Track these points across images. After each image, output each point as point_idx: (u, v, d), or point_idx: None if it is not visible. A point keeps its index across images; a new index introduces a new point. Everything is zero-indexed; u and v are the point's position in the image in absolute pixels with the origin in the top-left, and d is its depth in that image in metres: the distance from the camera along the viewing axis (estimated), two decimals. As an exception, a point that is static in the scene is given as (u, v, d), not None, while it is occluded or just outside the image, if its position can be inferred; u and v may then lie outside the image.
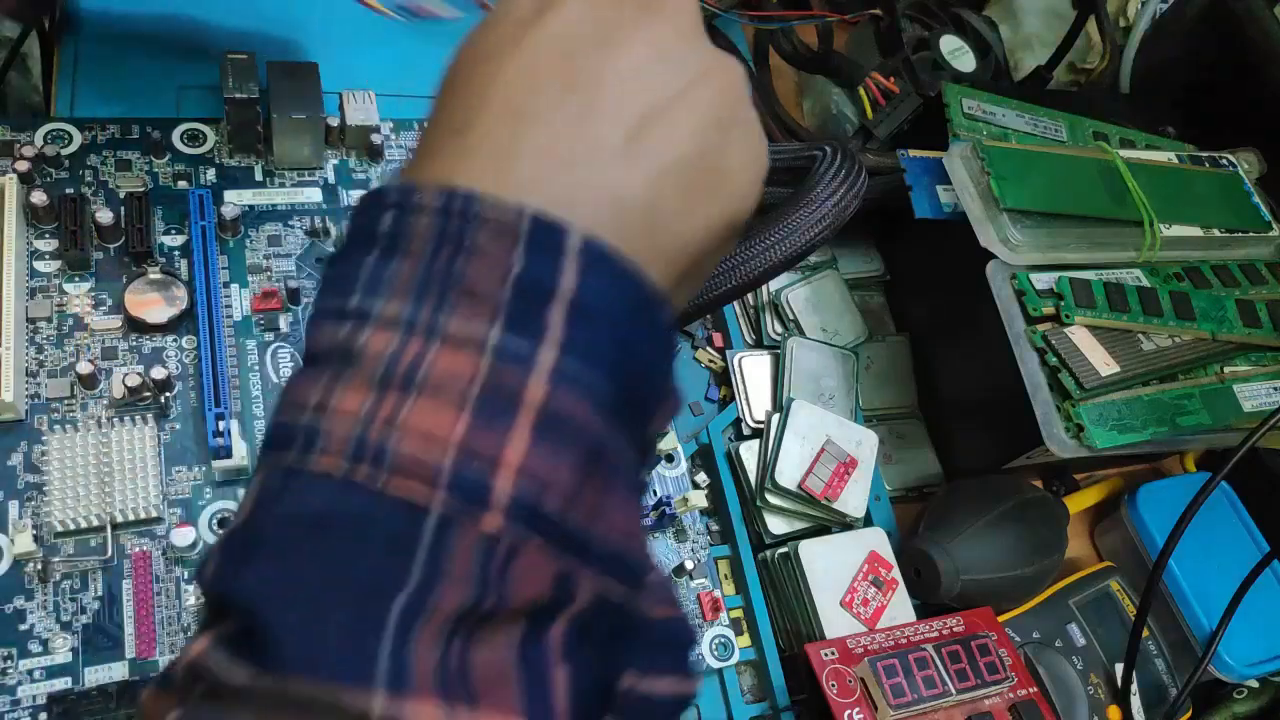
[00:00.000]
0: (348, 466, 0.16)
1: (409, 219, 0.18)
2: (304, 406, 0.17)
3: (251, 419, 0.34)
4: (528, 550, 0.16)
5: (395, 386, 0.17)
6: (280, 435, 0.17)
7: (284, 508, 0.17)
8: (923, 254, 0.48)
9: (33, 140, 0.37)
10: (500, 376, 0.17)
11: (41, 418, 0.32)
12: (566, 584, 0.17)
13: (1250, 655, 0.42)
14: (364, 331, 0.17)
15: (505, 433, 0.16)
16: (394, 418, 0.16)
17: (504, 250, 0.17)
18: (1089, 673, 0.40)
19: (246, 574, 0.16)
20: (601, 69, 0.19)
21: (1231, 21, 0.52)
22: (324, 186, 0.40)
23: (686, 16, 0.20)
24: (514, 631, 0.16)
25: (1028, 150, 0.44)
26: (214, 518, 0.32)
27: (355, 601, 0.16)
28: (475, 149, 0.19)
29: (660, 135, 0.19)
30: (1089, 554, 0.48)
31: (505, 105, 0.19)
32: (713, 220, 0.20)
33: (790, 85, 0.55)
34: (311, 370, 0.18)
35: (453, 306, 0.17)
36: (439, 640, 0.16)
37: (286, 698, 0.15)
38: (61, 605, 0.30)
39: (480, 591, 0.16)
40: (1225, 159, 0.50)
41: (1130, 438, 0.38)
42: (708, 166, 0.20)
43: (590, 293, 0.17)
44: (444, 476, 0.16)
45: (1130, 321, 0.41)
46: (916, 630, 0.37)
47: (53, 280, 0.35)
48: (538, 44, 0.19)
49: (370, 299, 0.18)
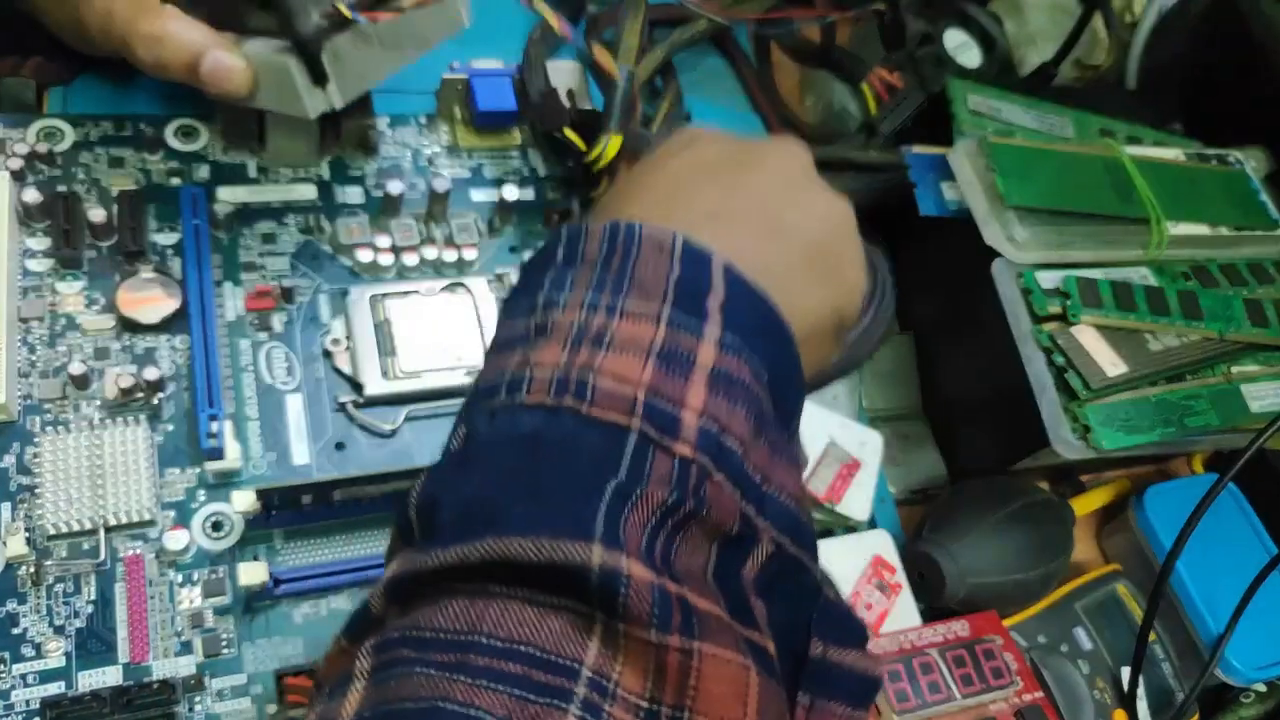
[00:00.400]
0: (553, 399, 0.19)
1: (580, 243, 0.22)
2: (504, 369, 0.20)
3: (245, 420, 0.34)
4: (714, 481, 0.18)
5: (587, 343, 0.19)
6: (482, 390, 0.20)
7: (495, 433, 0.19)
8: (927, 252, 0.48)
9: (25, 137, 0.36)
10: (676, 340, 0.20)
11: (34, 419, 0.32)
12: (750, 527, 0.19)
13: (1258, 659, 0.42)
14: (553, 313, 0.20)
15: (685, 382, 0.19)
16: (590, 363, 0.19)
17: (663, 261, 0.21)
18: (1095, 677, 0.40)
19: (462, 479, 0.18)
20: (740, 176, 0.24)
21: (1239, 18, 0.52)
22: (318, 183, 0.39)
23: (802, 160, 0.26)
24: (709, 550, 0.18)
25: (1033, 147, 0.43)
26: (207, 520, 0.32)
27: (570, 484, 0.17)
28: (637, 204, 0.23)
29: (790, 231, 0.24)
30: (1095, 557, 0.48)
31: (662, 188, 0.24)
32: (825, 303, 0.24)
33: (793, 81, 0.55)
34: (504, 351, 0.21)
35: (626, 294, 0.20)
36: (645, 525, 0.17)
37: (502, 560, 0.16)
38: (54, 609, 0.29)
39: (680, 495, 0.18)
40: (1233, 156, 0.49)
41: (1137, 439, 0.37)
42: (827, 262, 0.24)
43: (735, 299, 0.21)
44: (639, 407, 0.18)
45: (1137, 321, 0.40)
46: (921, 634, 0.37)
47: (45, 279, 0.34)
48: (693, 154, 0.25)
49: (555, 293, 0.21)
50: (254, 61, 0.33)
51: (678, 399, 0.19)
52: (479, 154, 0.43)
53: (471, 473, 0.18)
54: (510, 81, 0.42)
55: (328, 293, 0.37)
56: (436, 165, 0.42)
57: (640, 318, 0.20)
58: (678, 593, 0.17)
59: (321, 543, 0.33)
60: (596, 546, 0.16)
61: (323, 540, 0.33)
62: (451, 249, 0.39)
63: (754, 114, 0.52)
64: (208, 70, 0.32)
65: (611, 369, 0.19)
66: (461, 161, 0.42)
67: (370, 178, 0.40)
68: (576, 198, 0.41)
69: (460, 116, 0.43)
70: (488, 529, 0.17)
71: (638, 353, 0.19)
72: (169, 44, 0.32)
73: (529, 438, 0.18)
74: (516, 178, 0.42)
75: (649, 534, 0.17)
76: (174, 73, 0.33)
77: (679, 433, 0.18)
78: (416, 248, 0.38)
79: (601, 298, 0.20)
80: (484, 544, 0.16)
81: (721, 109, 0.51)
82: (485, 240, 0.40)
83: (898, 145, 0.45)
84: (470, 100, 0.42)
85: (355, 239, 0.38)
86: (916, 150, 0.44)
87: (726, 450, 0.19)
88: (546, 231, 0.41)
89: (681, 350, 0.19)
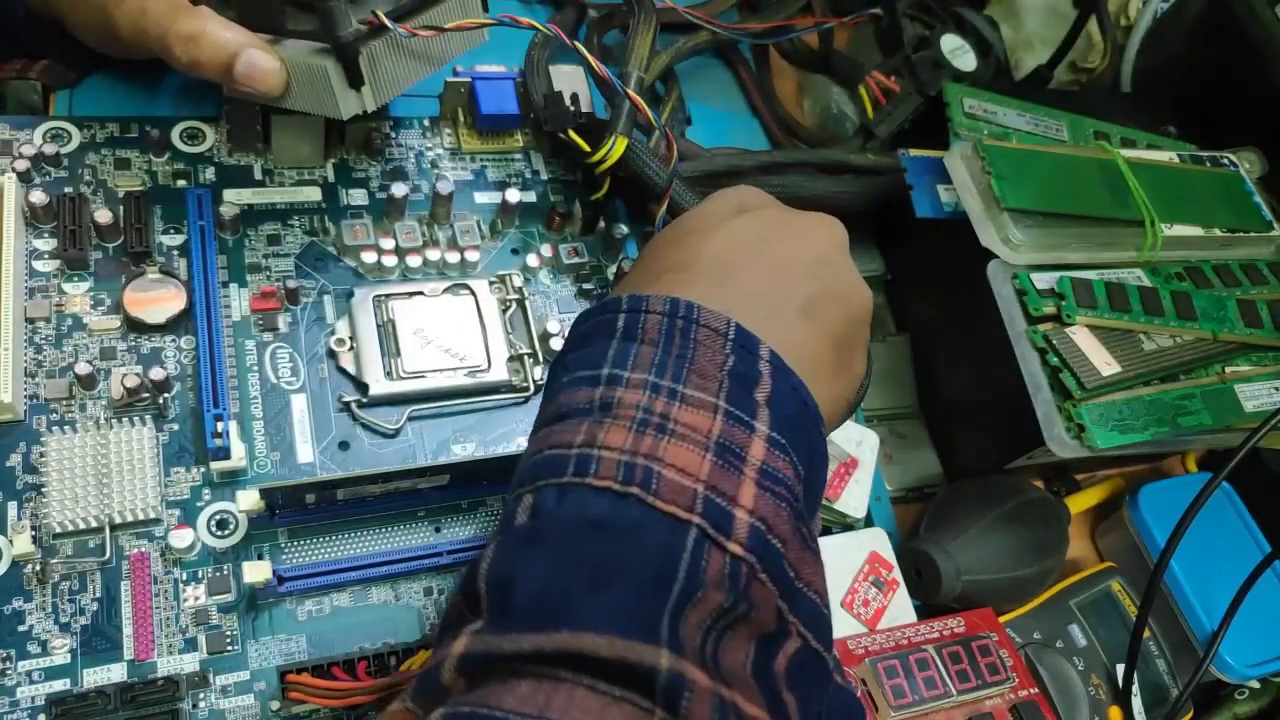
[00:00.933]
0: (620, 485, 0.20)
1: (642, 317, 0.23)
2: (570, 444, 0.21)
3: (250, 420, 0.34)
4: (758, 579, 0.20)
5: (651, 430, 0.21)
6: (549, 464, 0.21)
7: (564, 512, 0.20)
8: (923, 253, 0.48)
9: (32, 139, 0.37)
10: (730, 434, 0.21)
11: (40, 418, 0.32)
12: (784, 622, 0.20)
13: (1251, 656, 0.42)
14: (617, 389, 0.22)
15: (739, 479, 0.21)
16: (654, 452, 0.20)
17: (718, 346, 0.23)
18: (1090, 673, 0.40)
19: (534, 560, 0.19)
20: (784, 254, 0.26)
21: (1233, 21, 0.52)
22: (323, 185, 0.40)
23: (841, 239, 0.28)
24: (750, 649, 0.19)
25: (1029, 150, 0.44)
26: (212, 519, 0.32)
27: (638, 581, 0.19)
28: (691, 281, 0.25)
29: (824, 314, 0.26)
30: (1090, 554, 0.48)
31: (715, 259, 0.26)
32: (841, 391, 0.27)
33: (791, 85, 0.55)
34: (569, 420, 0.22)
35: (686, 379, 0.22)
36: (701, 627, 0.19)
37: (575, 653, 0.17)
38: (60, 607, 0.30)
39: (735, 598, 0.19)
40: (1226, 158, 0.49)
41: (1131, 438, 0.38)
42: (846, 351, 0.27)
43: (779, 394, 0.23)
44: (699, 504, 0.20)
45: (1131, 321, 0.41)
46: (917, 631, 0.37)
47: (51, 280, 0.35)
48: (740, 227, 0.27)
49: (618, 369, 0.22)
50: (288, 63, 0.33)
51: (732, 496, 0.20)
52: (482, 157, 0.43)
53: (543, 553, 0.19)
54: (513, 85, 0.42)
55: (332, 294, 0.37)
56: (440, 168, 0.42)
57: (700, 406, 0.21)
58: (730, 699, 0.18)
59: (325, 541, 0.33)
60: (665, 652, 0.17)
61: (326, 539, 0.33)
62: (454, 251, 0.39)
63: (753, 117, 0.52)
64: (242, 70, 0.33)
65: (674, 459, 0.20)
66: (464, 164, 0.42)
67: (374, 180, 0.40)
68: (579, 200, 0.42)
69: (463, 120, 0.43)
70: (563, 621, 0.18)
71: (697, 445, 0.21)
72: (205, 43, 0.32)
73: (598, 523, 0.20)
74: (519, 180, 0.43)
75: (703, 634, 0.19)
76: (208, 72, 0.33)
77: (732, 531, 0.20)
78: (420, 249, 0.39)
79: (664, 380, 0.22)
80: (560, 637, 0.17)
81: (722, 112, 0.51)
82: (488, 242, 0.41)
83: (894, 148, 0.46)
84: (473, 103, 0.42)
85: (359, 240, 0.38)
86: (913, 153, 0.44)
87: (771, 549, 0.20)
88: (548, 233, 0.42)
89: (735, 445, 0.21)
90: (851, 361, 0.28)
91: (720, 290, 0.25)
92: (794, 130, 0.52)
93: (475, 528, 0.34)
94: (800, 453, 0.22)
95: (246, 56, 0.32)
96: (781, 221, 0.28)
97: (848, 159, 0.46)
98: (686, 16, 0.48)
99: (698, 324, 0.23)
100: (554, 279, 0.41)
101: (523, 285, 0.39)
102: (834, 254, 0.28)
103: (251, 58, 0.32)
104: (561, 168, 0.44)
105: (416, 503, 0.34)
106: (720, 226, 0.27)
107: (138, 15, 0.33)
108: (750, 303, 0.24)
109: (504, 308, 0.38)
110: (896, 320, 0.50)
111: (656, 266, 0.27)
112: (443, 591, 0.33)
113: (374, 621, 0.32)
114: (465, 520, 0.34)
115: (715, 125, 0.50)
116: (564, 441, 0.21)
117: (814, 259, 0.27)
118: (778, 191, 0.44)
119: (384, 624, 0.32)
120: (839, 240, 0.28)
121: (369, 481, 0.32)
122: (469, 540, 0.34)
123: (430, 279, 0.39)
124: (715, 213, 0.28)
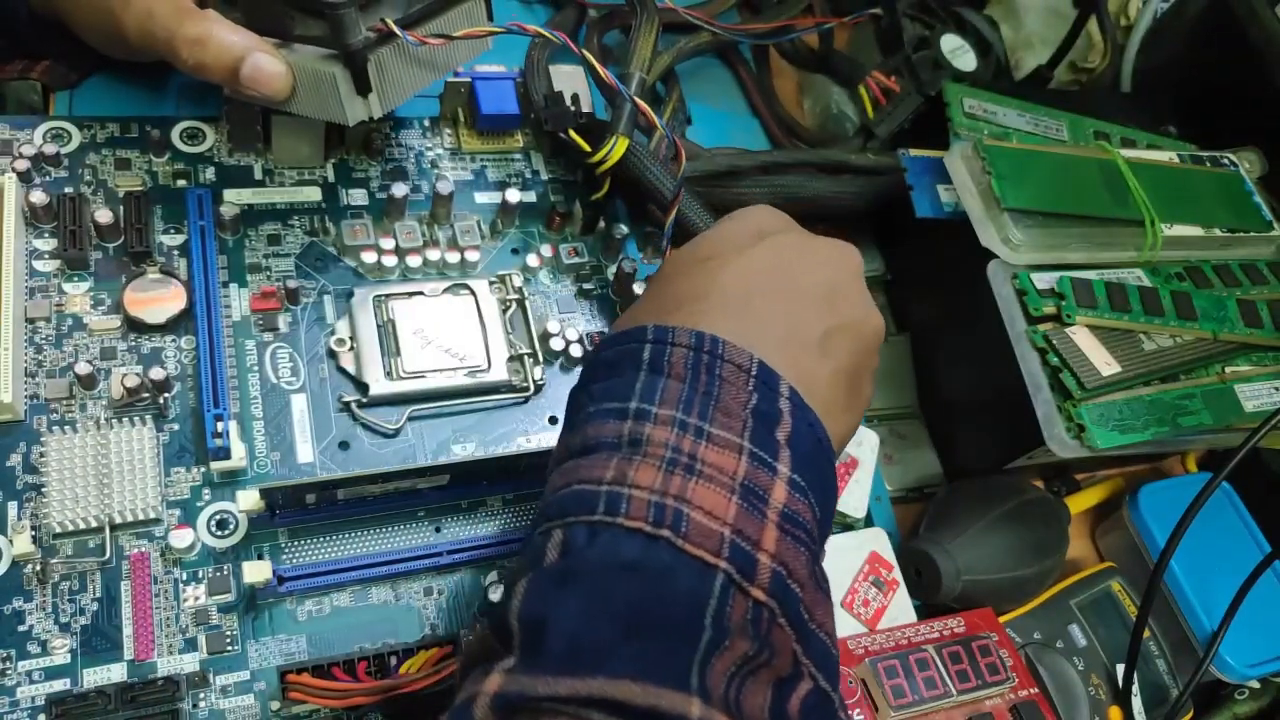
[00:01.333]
0: (651, 527, 0.20)
1: (668, 350, 0.24)
2: (600, 480, 0.22)
3: (250, 420, 0.34)
4: (778, 624, 0.21)
5: (680, 470, 0.21)
6: (579, 500, 0.21)
7: (596, 553, 0.20)
8: (923, 254, 0.48)
9: (32, 139, 0.37)
10: (755, 477, 0.22)
11: (40, 418, 0.32)
12: (798, 664, 0.21)
13: (1251, 656, 0.42)
14: (645, 425, 0.22)
15: (762, 523, 0.21)
16: (683, 494, 0.21)
17: (742, 383, 0.23)
18: (1090, 673, 0.40)
19: (567, 600, 0.20)
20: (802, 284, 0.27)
21: (1232, 21, 0.52)
22: (323, 185, 0.40)
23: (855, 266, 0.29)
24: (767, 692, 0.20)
25: (1029, 150, 0.44)
26: (212, 519, 0.32)
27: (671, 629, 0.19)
28: (710, 312, 0.25)
29: (839, 348, 0.26)
30: (1090, 554, 0.48)
31: (733, 289, 0.26)
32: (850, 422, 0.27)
33: (791, 85, 0.55)
34: (598, 454, 0.22)
35: (712, 418, 0.22)
36: (726, 675, 0.19)
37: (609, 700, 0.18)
38: (60, 607, 0.30)
39: (759, 645, 0.20)
40: (1226, 158, 0.49)
41: (1132, 438, 0.38)
42: (856, 382, 0.27)
43: (797, 431, 0.23)
44: (725, 549, 0.20)
45: (1131, 321, 0.41)
46: (917, 631, 0.37)
47: (51, 280, 0.35)
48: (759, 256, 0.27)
49: (646, 404, 0.23)
50: (295, 68, 0.33)
51: (756, 540, 0.21)
52: (482, 157, 0.43)
53: (576, 594, 0.20)
54: (513, 85, 0.42)
55: (332, 294, 0.37)
56: (440, 168, 0.42)
57: (725, 446, 0.22)
58: None
59: (325, 541, 0.33)
60: (696, 700, 0.18)
61: (326, 539, 0.33)
62: (454, 251, 0.39)
63: (753, 117, 0.52)
64: (248, 73, 0.33)
65: (701, 502, 0.21)
66: (465, 164, 0.42)
67: (374, 180, 0.40)
68: (579, 200, 0.42)
69: (463, 120, 0.43)
70: (598, 668, 0.18)
71: (724, 487, 0.21)
72: (211, 46, 0.32)
73: (630, 566, 0.20)
74: (519, 180, 0.43)
75: (728, 680, 0.19)
76: (214, 75, 0.33)
77: (755, 576, 0.20)
78: (420, 249, 0.39)
79: (691, 418, 0.22)
80: (595, 683, 0.18)
81: (722, 112, 0.51)
82: (488, 242, 0.41)
83: (895, 148, 0.46)
84: (474, 104, 0.42)
85: (359, 241, 0.38)
86: (913, 153, 0.44)
87: (790, 594, 0.21)
88: (548, 233, 0.42)
89: (759, 488, 0.22)
90: (861, 391, 0.28)
91: (740, 323, 0.25)
92: (794, 130, 0.52)
93: (475, 528, 0.34)
94: (816, 493, 0.23)
95: (252, 60, 0.32)
96: (799, 249, 0.28)
97: (848, 159, 0.46)
98: (687, 17, 0.48)
99: (723, 360, 0.23)
100: (554, 279, 0.41)
101: (523, 285, 0.39)
102: (848, 282, 0.28)
103: (257, 61, 0.32)
104: (562, 168, 0.44)
105: (416, 503, 0.34)
106: (739, 254, 0.27)
107: (144, 18, 0.33)
108: (770, 336, 0.25)
109: (504, 308, 0.38)
110: (896, 320, 0.50)
111: (675, 294, 0.27)
112: (442, 592, 0.33)
113: (374, 621, 0.32)
114: (465, 520, 0.34)
115: (715, 125, 0.50)
116: (593, 477, 0.22)
117: (829, 288, 0.27)
118: (778, 191, 0.44)
119: (384, 624, 0.32)
120: (854, 268, 0.29)
121: (369, 481, 0.32)
122: (469, 540, 0.34)
123: (430, 279, 0.39)
124: (732, 238, 0.28)
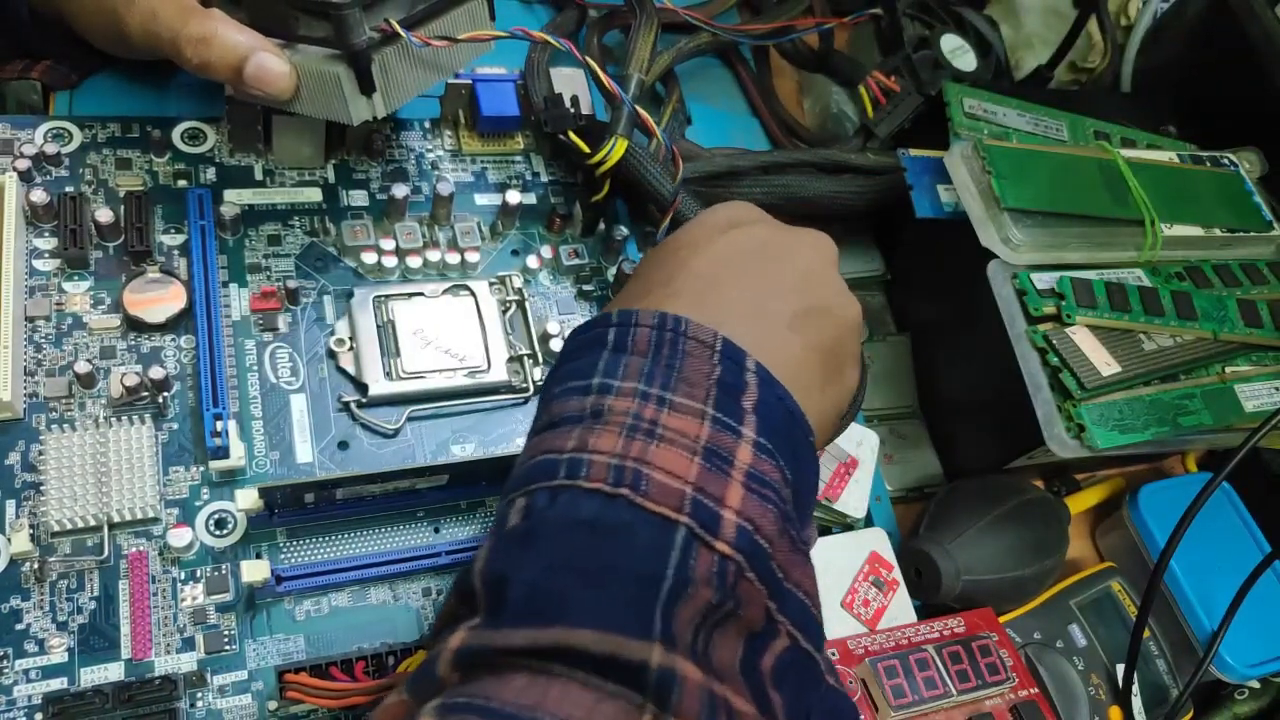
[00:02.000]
0: (611, 486, 0.20)
1: (632, 330, 0.24)
2: (562, 449, 0.22)
3: (250, 419, 0.34)
4: (746, 578, 0.20)
5: (640, 435, 0.21)
6: (542, 468, 0.22)
7: (556, 513, 0.20)
8: (923, 254, 0.48)
9: (33, 138, 0.37)
10: (718, 439, 0.22)
11: (39, 417, 0.32)
12: (772, 621, 0.21)
13: (1251, 656, 0.42)
14: (608, 398, 0.22)
15: (725, 482, 0.21)
16: (643, 456, 0.21)
17: (706, 357, 0.23)
18: (1090, 673, 0.40)
19: (528, 558, 0.20)
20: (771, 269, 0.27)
21: (1233, 21, 0.52)
22: (324, 186, 0.40)
23: (830, 254, 0.29)
24: (738, 646, 0.20)
25: (1029, 150, 0.44)
26: (211, 518, 0.32)
27: (631, 579, 0.19)
28: (678, 295, 0.26)
29: (811, 327, 0.26)
30: (1090, 554, 0.48)
31: (703, 274, 0.26)
32: (829, 404, 0.27)
33: (791, 85, 0.55)
34: (561, 428, 0.22)
35: (674, 388, 0.22)
36: (692, 623, 0.19)
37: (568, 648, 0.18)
38: (58, 605, 0.30)
39: (723, 595, 0.20)
40: (1226, 158, 0.49)
41: (1132, 438, 0.38)
42: (834, 363, 0.27)
43: (764, 400, 0.23)
44: (687, 505, 0.20)
45: (1131, 321, 0.41)
46: (917, 631, 0.37)
47: (51, 279, 0.35)
48: (729, 242, 0.27)
49: (609, 378, 0.23)
50: (300, 68, 0.33)
51: (719, 497, 0.21)
52: (482, 158, 0.43)
53: (536, 551, 0.20)
54: (513, 87, 0.42)
55: (332, 294, 0.37)
56: (440, 169, 0.42)
57: (687, 413, 0.22)
58: (721, 694, 0.18)
59: (324, 541, 0.33)
60: (657, 646, 0.18)
61: (325, 538, 0.33)
62: (454, 252, 0.39)
63: (753, 118, 0.52)
64: (252, 72, 0.33)
65: (662, 463, 0.21)
66: (465, 166, 0.42)
67: (375, 181, 0.41)
68: (579, 202, 0.42)
69: (464, 121, 0.43)
70: (557, 617, 0.18)
71: (685, 449, 0.21)
72: (216, 46, 0.33)
73: (589, 523, 0.20)
74: (519, 182, 0.43)
75: (694, 629, 0.19)
76: (219, 74, 0.33)
77: (720, 531, 0.20)
78: (420, 250, 0.39)
79: (653, 389, 0.22)
80: (553, 632, 0.18)
81: (722, 113, 0.51)
82: (488, 243, 0.41)
83: (895, 148, 0.46)
84: (474, 105, 0.42)
85: (360, 241, 0.38)
86: (913, 153, 0.44)
87: (759, 549, 0.21)
88: (548, 235, 0.42)
89: (723, 450, 0.22)
90: (841, 373, 0.28)
91: (707, 305, 0.25)
92: (794, 130, 0.52)
93: (474, 528, 0.34)
94: (786, 458, 0.23)
95: (257, 59, 0.33)
96: (770, 237, 0.28)
97: (848, 159, 0.46)
98: (687, 18, 0.48)
99: (686, 336, 0.24)
100: (554, 280, 0.41)
101: (523, 286, 0.39)
102: (821, 268, 0.28)
103: (262, 60, 0.33)
104: (562, 170, 0.44)
105: (415, 503, 0.34)
106: (709, 242, 0.27)
107: (148, 18, 0.33)
108: (737, 317, 0.25)
109: (504, 309, 0.39)
110: (896, 320, 0.50)
111: (646, 283, 0.27)
112: (441, 592, 0.33)
113: (372, 621, 0.32)
114: (464, 520, 0.34)
115: (715, 125, 0.50)
116: (556, 447, 0.22)
117: (801, 273, 0.27)
118: (778, 191, 0.44)
119: (382, 624, 0.32)
120: (827, 255, 0.29)
121: (368, 481, 0.32)
122: (468, 540, 0.34)
123: (430, 280, 0.39)
124: (705, 228, 0.28)
